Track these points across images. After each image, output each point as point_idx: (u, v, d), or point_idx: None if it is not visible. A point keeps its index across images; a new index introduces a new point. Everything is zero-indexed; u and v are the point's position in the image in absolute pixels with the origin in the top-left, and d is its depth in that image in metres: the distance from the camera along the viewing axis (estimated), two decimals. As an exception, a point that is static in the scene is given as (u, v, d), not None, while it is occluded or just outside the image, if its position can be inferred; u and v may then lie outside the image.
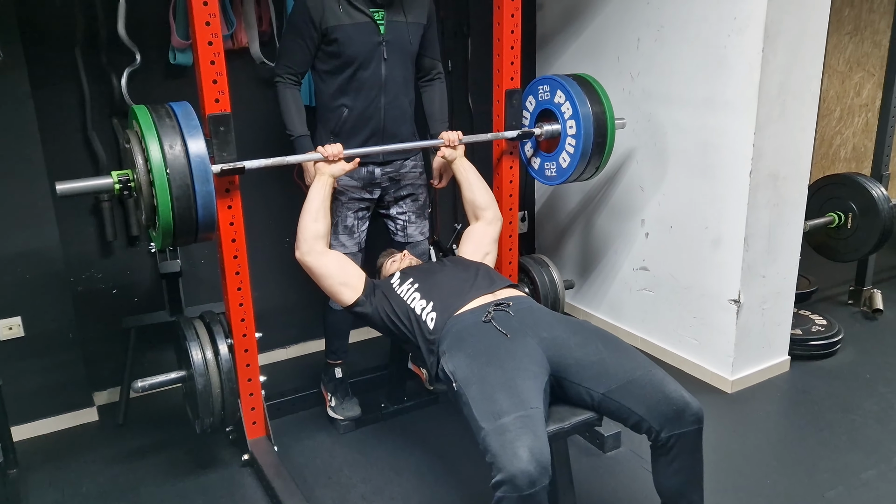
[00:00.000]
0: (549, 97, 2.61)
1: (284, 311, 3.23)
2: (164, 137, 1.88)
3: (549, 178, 2.71)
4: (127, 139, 1.96)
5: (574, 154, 2.56)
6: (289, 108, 2.42)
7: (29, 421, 2.68)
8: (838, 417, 2.71)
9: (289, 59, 2.40)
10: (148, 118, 1.91)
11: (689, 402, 1.75)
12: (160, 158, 1.87)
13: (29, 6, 2.47)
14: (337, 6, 2.32)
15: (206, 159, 1.93)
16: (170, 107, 1.97)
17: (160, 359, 2.95)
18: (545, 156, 2.71)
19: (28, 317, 2.61)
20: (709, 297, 2.94)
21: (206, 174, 1.93)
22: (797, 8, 2.57)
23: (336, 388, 2.74)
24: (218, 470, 2.47)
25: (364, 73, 2.40)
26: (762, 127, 2.63)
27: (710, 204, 2.86)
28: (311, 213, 2.23)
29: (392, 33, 2.40)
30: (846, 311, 3.70)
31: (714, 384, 2.97)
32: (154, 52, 2.68)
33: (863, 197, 3.47)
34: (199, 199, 1.92)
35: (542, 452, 1.56)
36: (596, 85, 2.58)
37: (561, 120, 2.58)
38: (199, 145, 1.92)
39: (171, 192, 1.88)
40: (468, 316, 1.99)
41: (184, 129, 1.92)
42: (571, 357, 1.86)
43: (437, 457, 2.50)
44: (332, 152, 2.25)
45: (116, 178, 1.95)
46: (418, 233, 2.70)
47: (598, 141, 2.53)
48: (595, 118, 2.51)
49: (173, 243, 2.01)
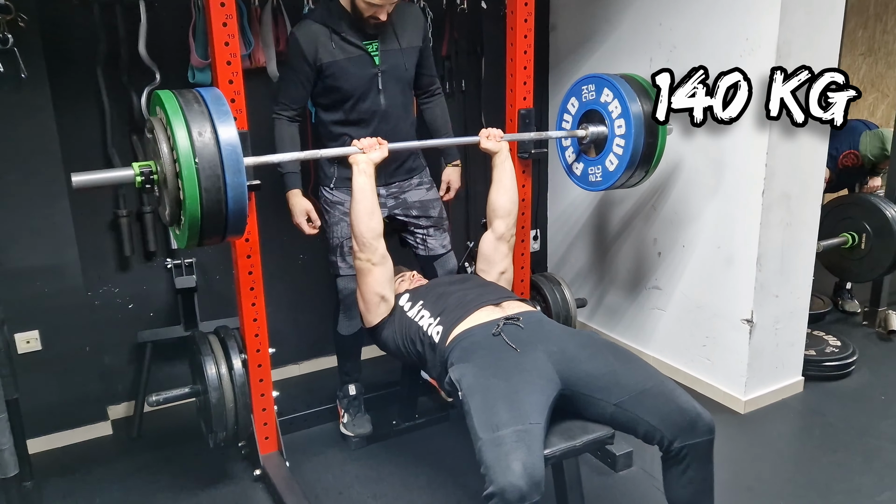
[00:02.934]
0: (594, 97, 2.48)
1: (298, 327, 3.25)
2: (192, 123, 1.67)
3: (594, 183, 2.57)
4: (150, 127, 1.76)
5: (623, 156, 2.41)
6: (283, 144, 2.44)
7: (44, 434, 2.71)
8: (853, 439, 2.69)
9: (286, 95, 2.44)
10: (174, 103, 1.70)
11: (700, 413, 1.76)
12: (188, 146, 1.65)
13: (52, 25, 2.53)
14: (329, 42, 2.35)
15: (239, 147, 1.71)
16: (198, 92, 1.76)
17: (174, 373, 2.97)
18: (589, 160, 2.57)
19: (45, 331, 2.64)
20: (721, 316, 2.93)
21: (238, 164, 1.70)
22: (809, 29, 2.59)
23: (349, 405, 2.74)
24: (230, 484, 2.48)
25: (363, 105, 2.44)
26: (774, 147, 2.64)
27: (722, 223, 2.86)
28: (367, 209, 2.15)
29: (387, 62, 2.43)
30: (861, 331, 3.67)
31: (727, 404, 2.95)
32: (173, 71, 2.73)
33: (877, 217, 3.45)
34: (230, 192, 1.70)
35: (534, 468, 1.57)
36: (645, 83, 2.45)
37: (608, 120, 2.45)
38: (230, 132, 1.70)
39: (200, 182, 1.66)
40: (478, 330, 2.00)
41: (213, 115, 1.70)
42: (582, 370, 1.87)
43: (448, 473, 2.50)
44: (368, 143, 2.19)
45: (138, 170, 1.74)
46: (439, 245, 2.70)
47: (648, 141, 2.38)
48: (646, 117, 2.37)
49: (199, 242, 1.78)
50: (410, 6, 2.56)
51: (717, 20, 2.73)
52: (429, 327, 2.10)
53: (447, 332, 2.03)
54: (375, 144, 2.20)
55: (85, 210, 2.70)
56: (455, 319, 2.05)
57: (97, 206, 2.76)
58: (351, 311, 2.60)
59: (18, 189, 2.50)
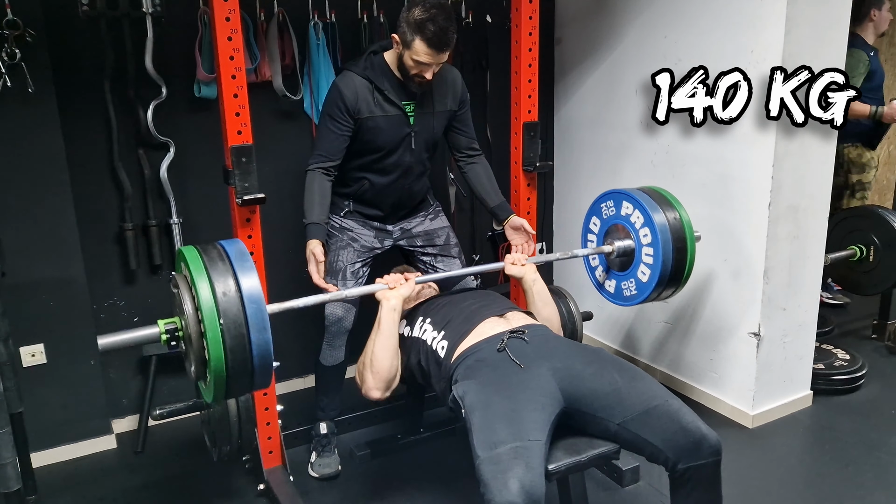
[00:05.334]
0: (614, 212, 2.47)
1: (302, 341, 3.24)
2: (216, 282, 1.64)
3: (629, 298, 2.50)
4: (175, 284, 1.75)
5: (654, 265, 2.34)
6: (312, 196, 2.37)
7: (48, 447, 2.70)
8: (863, 454, 2.66)
9: (323, 147, 2.39)
10: (198, 260, 1.68)
11: (706, 435, 1.73)
12: (212, 304, 1.62)
13: (60, 40, 2.55)
14: (371, 99, 2.35)
15: (263, 303, 1.68)
16: (221, 246, 1.75)
17: (179, 387, 2.97)
18: (619, 275, 2.52)
19: (50, 344, 2.64)
20: (729, 330, 2.91)
21: (264, 321, 1.67)
22: (814, 42, 2.59)
23: (318, 444, 2.64)
24: (234, 499, 2.47)
25: (390, 159, 2.45)
26: (780, 159, 2.63)
27: (729, 236, 2.85)
28: (392, 347, 2.10)
29: (420, 124, 2.45)
30: (870, 345, 3.64)
31: (735, 419, 2.92)
32: (180, 85, 2.75)
33: (885, 230, 3.43)
34: (255, 350, 1.66)
35: (533, 485, 1.54)
36: (666, 194, 2.43)
37: (633, 232, 2.41)
38: (254, 287, 1.67)
39: (225, 343, 1.63)
40: (484, 345, 1.99)
41: (237, 271, 1.68)
42: (586, 387, 1.85)
43: (452, 488, 2.48)
44: (394, 279, 2.18)
45: (163, 328, 1.74)
46: (450, 270, 2.63)
47: (677, 247, 2.33)
48: (671, 224, 2.34)
49: (225, 396, 1.77)
50: (451, 69, 2.52)
51: (722, 33, 2.73)
52: (433, 342, 2.09)
53: (453, 348, 2.02)
54: (401, 279, 2.19)
55: (90, 223, 2.71)
56: (460, 334, 2.04)
57: (103, 220, 2.77)
58: (335, 342, 2.56)
59: (25, 202, 2.51)
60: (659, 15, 3.00)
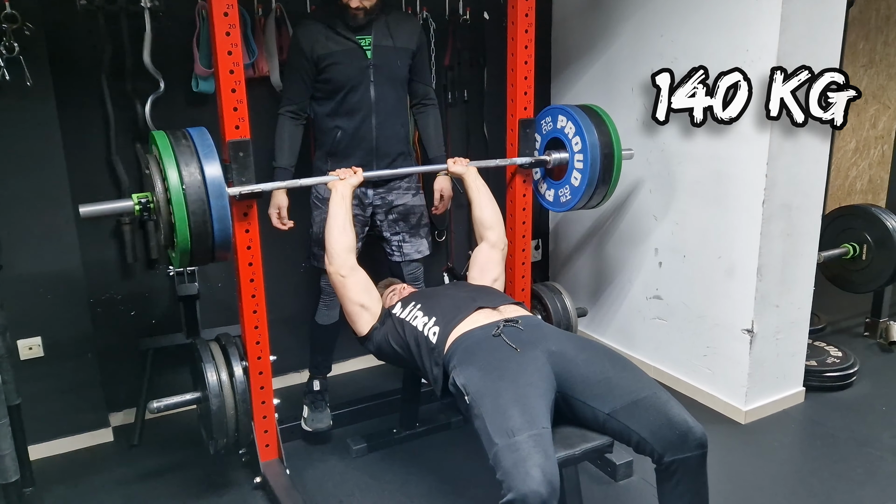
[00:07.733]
0: (552, 126, 2.69)
1: (299, 334, 3.25)
2: (181, 160, 1.97)
3: (564, 203, 2.74)
4: (147, 164, 2.06)
5: (581, 181, 2.62)
6: (282, 140, 2.58)
7: (46, 440, 2.71)
8: (854, 450, 2.69)
9: (287, 91, 2.59)
10: (166, 143, 2.00)
11: (692, 427, 1.75)
12: (177, 179, 1.95)
13: (58, 34, 2.55)
14: (324, 37, 2.48)
15: (221, 177, 2.01)
16: (186, 131, 2.05)
17: (176, 380, 2.97)
18: (554, 183, 2.77)
19: (48, 337, 2.65)
20: (722, 326, 2.94)
21: (221, 189, 2.01)
22: (809, 41, 2.60)
23: (312, 400, 2.78)
24: (230, 492, 2.49)
25: (354, 97, 2.53)
26: (774, 157, 2.65)
27: (723, 233, 2.87)
28: (339, 225, 2.28)
29: (379, 58, 2.53)
30: (862, 342, 3.67)
31: (727, 414, 2.95)
32: (177, 79, 2.75)
33: (878, 228, 3.46)
34: (215, 214, 1.99)
35: (553, 473, 1.57)
36: (603, 115, 2.64)
37: (569, 148, 2.64)
38: (214, 167, 2.00)
39: (188, 209, 1.96)
40: (478, 332, 2.01)
41: (199, 151, 2.00)
42: (578, 373, 1.87)
43: (449, 482, 2.50)
44: (344, 172, 2.36)
45: (136, 200, 2.04)
46: (415, 251, 2.76)
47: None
48: (602, 147, 2.57)
49: (191, 262, 2.07)
50: (409, 16, 2.66)
51: (717, 31, 2.75)
52: (424, 327, 2.10)
53: (445, 334, 2.04)
54: (350, 173, 2.35)
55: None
56: (452, 321, 2.06)
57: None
58: (331, 301, 2.68)
59: (23, 196, 2.52)
60: (655, 13, 3.02)
